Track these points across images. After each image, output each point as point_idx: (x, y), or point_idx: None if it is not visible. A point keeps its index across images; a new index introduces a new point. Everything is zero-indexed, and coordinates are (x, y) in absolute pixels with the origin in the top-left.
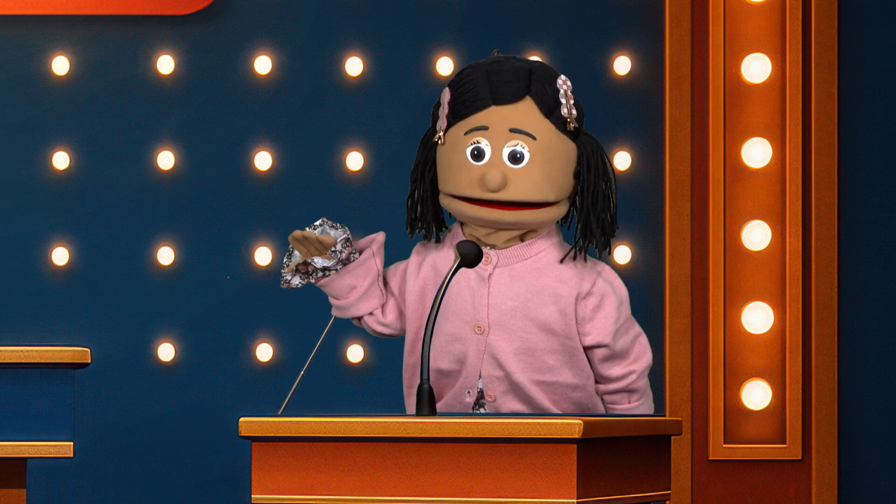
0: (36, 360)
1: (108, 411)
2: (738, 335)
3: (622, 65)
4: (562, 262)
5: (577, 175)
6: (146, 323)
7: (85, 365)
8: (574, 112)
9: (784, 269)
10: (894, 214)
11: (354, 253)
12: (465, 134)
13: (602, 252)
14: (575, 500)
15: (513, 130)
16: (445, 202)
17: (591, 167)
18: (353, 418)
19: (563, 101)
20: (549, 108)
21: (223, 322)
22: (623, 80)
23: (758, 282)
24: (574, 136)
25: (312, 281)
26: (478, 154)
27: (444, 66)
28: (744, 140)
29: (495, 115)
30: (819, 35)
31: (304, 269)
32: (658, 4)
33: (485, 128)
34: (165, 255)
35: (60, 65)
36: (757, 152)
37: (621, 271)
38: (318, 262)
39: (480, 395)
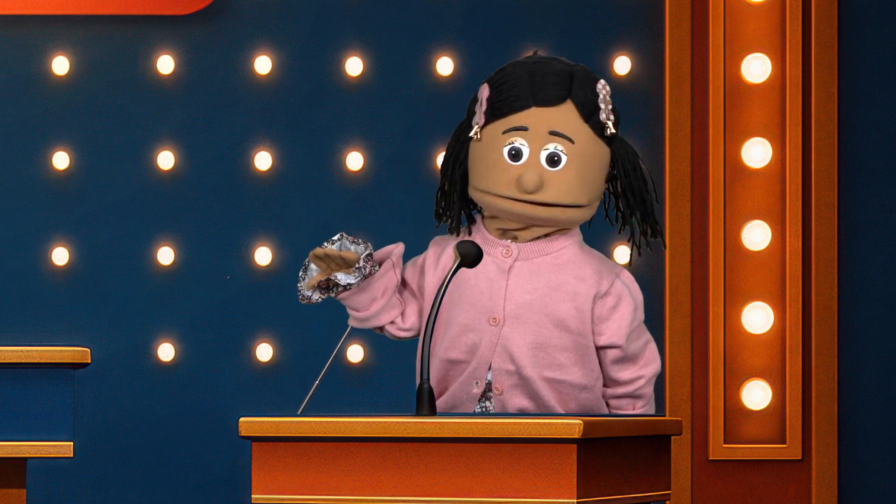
0: (36, 360)
1: (108, 411)
2: (738, 335)
3: (622, 65)
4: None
5: (608, 178)
6: (146, 323)
7: (85, 365)
8: (612, 117)
9: (784, 269)
10: (894, 214)
11: (375, 266)
12: (504, 133)
13: (651, 246)
14: (575, 500)
15: (552, 133)
16: (478, 196)
17: (628, 171)
18: (353, 418)
19: (602, 105)
20: (589, 112)
21: (223, 322)
22: (623, 80)
23: (758, 282)
24: (609, 140)
25: (333, 295)
26: (515, 154)
27: (444, 66)
28: (744, 140)
29: (535, 117)
30: (819, 35)
31: (324, 284)
32: (658, 4)
33: (524, 128)
34: (165, 255)
35: (60, 65)
36: (757, 152)
37: None
38: (342, 278)
39: (488, 387)
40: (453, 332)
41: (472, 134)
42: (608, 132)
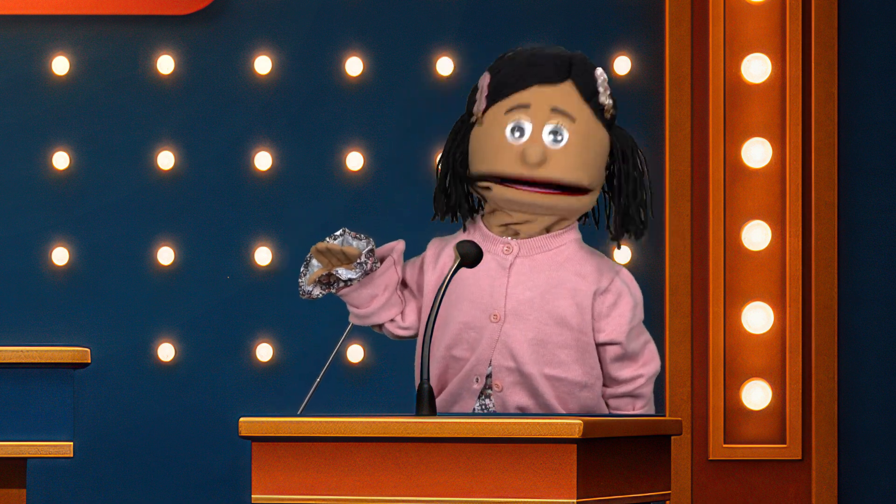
0: (36, 360)
1: (108, 411)
2: (738, 335)
3: (622, 65)
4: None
5: (608, 167)
6: (146, 323)
7: (85, 365)
8: (611, 102)
9: (784, 269)
10: (894, 214)
11: (377, 263)
12: (506, 113)
13: (639, 239)
14: (575, 500)
15: (554, 110)
16: (478, 188)
17: (626, 157)
18: (353, 418)
19: (601, 90)
20: (589, 93)
21: (223, 322)
22: (623, 80)
23: (758, 282)
24: (609, 126)
25: (333, 291)
26: (519, 131)
27: (444, 66)
28: (744, 140)
29: (538, 94)
30: (819, 35)
31: (325, 279)
32: (658, 4)
33: (527, 106)
34: (165, 255)
35: (60, 65)
36: (757, 152)
37: None
38: (343, 273)
39: (487, 384)
40: (455, 329)
41: (472, 119)
42: (608, 115)
